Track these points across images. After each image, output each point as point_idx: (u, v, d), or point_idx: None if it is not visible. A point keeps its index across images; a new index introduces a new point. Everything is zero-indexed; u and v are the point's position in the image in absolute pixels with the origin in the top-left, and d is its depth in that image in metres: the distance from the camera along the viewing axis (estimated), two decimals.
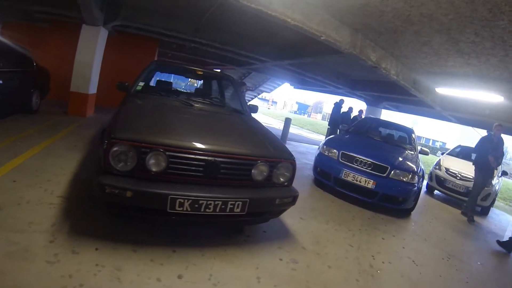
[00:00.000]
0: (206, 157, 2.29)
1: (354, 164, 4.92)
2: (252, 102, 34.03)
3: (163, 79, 4.81)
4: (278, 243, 2.95)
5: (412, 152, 5.73)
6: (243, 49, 8.43)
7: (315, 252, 3.00)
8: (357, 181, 4.76)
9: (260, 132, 3.09)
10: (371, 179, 4.69)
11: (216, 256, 2.45)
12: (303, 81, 13.12)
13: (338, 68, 9.76)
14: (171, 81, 4.79)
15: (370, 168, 4.80)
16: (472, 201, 6.04)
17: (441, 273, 3.35)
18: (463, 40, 4.54)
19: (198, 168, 2.28)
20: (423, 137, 44.97)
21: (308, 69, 9.52)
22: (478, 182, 5.99)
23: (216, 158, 2.31)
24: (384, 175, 4.73)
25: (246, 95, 17.37)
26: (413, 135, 6.38)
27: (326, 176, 5.24)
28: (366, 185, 4.70)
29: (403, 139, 6.57)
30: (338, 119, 10.89)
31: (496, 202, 8.40)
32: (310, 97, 63.97)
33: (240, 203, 2.29)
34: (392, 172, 4.74)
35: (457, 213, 6.56)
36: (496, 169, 6.34)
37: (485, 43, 4.43)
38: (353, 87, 10.76)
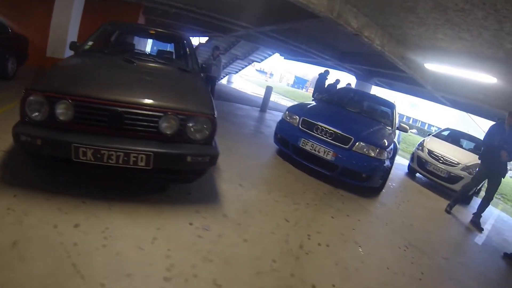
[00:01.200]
0: (109, 107, 2.27)
1: (314, 132, 4.51)
2: (246, 73, 33.63)
3: (115, 39, 4.55)
4: (198, 207, 2.72)
5: (389, 128, 5.28)
6: (222, 14, 8.00)
7: (236, 222, 2.69)
8: (315, 151, 4.37)
9: (189, 88, 2.92)
10: (331, 150, 4.27)
11: (123, 212, 2.39)
12: (292, 51, 12.48)
13: (324, 37, 9.22)
14: (123, 41, 4.56)
15: (331, 138, 4.38)
16: (462, 192, 5.50)
17: (390, 264, 2.92)
18: (451, 7, 4.05)
19: (103, 118, 2.28)
20: (420, 120, 44.52)
21: (292, 36, 8.96)
22: (480, 176, 5.28)
23: (118, 108, 2.28)
24: (347, 147, 4.30)
25: (236, 63, 17.06)
26: (394, 111, 5.84)
27: (285, 143, 4.89)
28: (325, 156, 4.30)
29: (382, 113, 6.05)
30: (322, 91, 10.29)
31: (481, 193, 7.99)
32: (310, 71, 62.44)
33: (144, 156, 2.25)
34: (357, 144, 4.29)
35: (436, 198, 6.21)
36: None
37: (476, 12, 3.93)
38: (342, 59, 10.18)
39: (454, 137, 8.50)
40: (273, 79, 54.87)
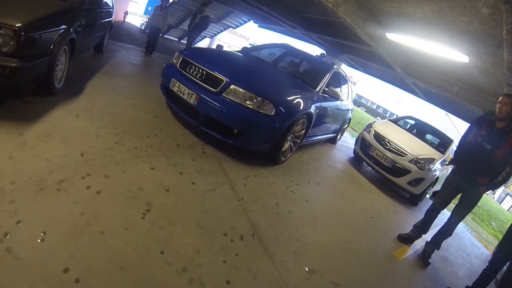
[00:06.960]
0: None
1: (186, 72, 3.58)
2: (237, 44, 32.08)
3: None
4: (3, 125, 2.40)
5: (312, 89, 4.28)
6: None
7: (23, 142, 2.30)
8: (181, 92, 3.45)
9: (23, 5, 2.66)
10: (196, 92, 3.31)
11: None
12: (265, 19, 11.61)
13: (289, 2, 8.24)
14: None
15: (200, 79, 3.42)
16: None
17: (171, 252, 1.99)
18: None
19: None
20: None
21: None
22: (448, 187, 3.70)
23: None
24: (215, 90, 3.28)
25: (210, 27, 16.03)
26: (328, 74, 4.72)
27: (162, 86, 4.03)
28: (188, 100, 3.36)
29: (309, 72, 5.05)
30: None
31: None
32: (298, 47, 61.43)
33: None
34: (230, 87, 3.26)
35: (369, 190, 5.11)
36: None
37: None
38: (308, 28, 9.18)
39: (420, 131, 7.50)
40: None
